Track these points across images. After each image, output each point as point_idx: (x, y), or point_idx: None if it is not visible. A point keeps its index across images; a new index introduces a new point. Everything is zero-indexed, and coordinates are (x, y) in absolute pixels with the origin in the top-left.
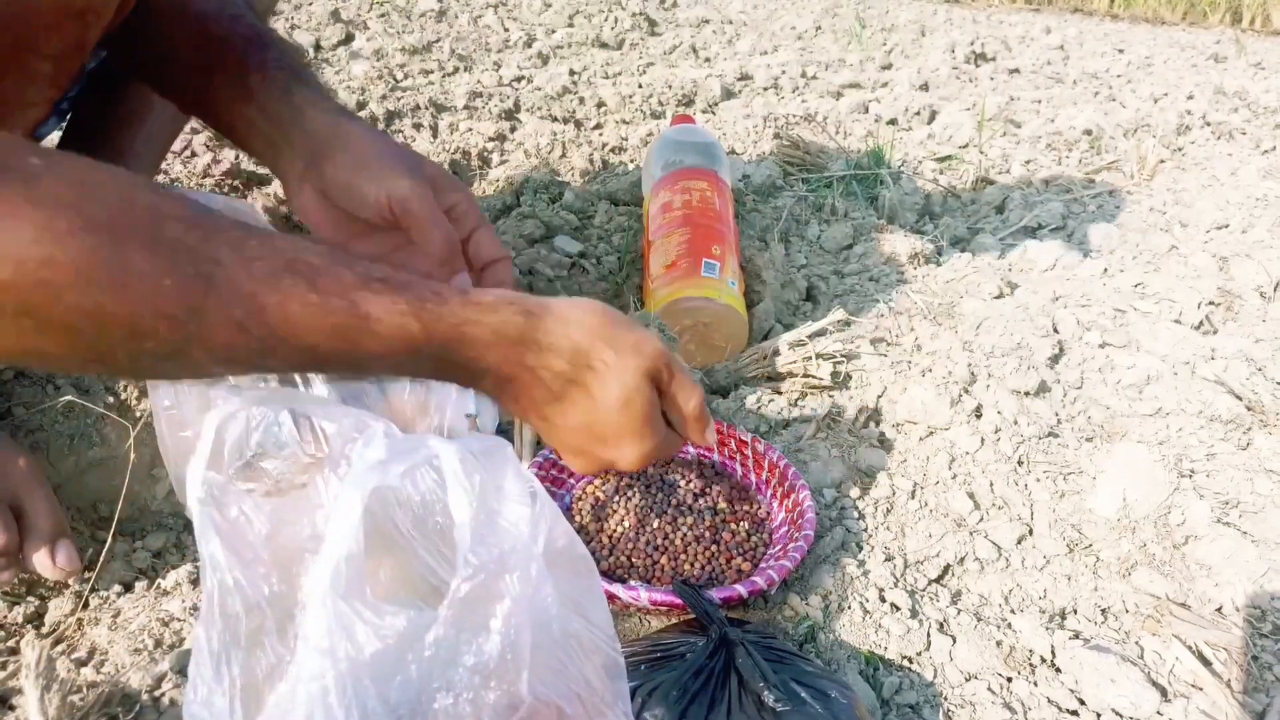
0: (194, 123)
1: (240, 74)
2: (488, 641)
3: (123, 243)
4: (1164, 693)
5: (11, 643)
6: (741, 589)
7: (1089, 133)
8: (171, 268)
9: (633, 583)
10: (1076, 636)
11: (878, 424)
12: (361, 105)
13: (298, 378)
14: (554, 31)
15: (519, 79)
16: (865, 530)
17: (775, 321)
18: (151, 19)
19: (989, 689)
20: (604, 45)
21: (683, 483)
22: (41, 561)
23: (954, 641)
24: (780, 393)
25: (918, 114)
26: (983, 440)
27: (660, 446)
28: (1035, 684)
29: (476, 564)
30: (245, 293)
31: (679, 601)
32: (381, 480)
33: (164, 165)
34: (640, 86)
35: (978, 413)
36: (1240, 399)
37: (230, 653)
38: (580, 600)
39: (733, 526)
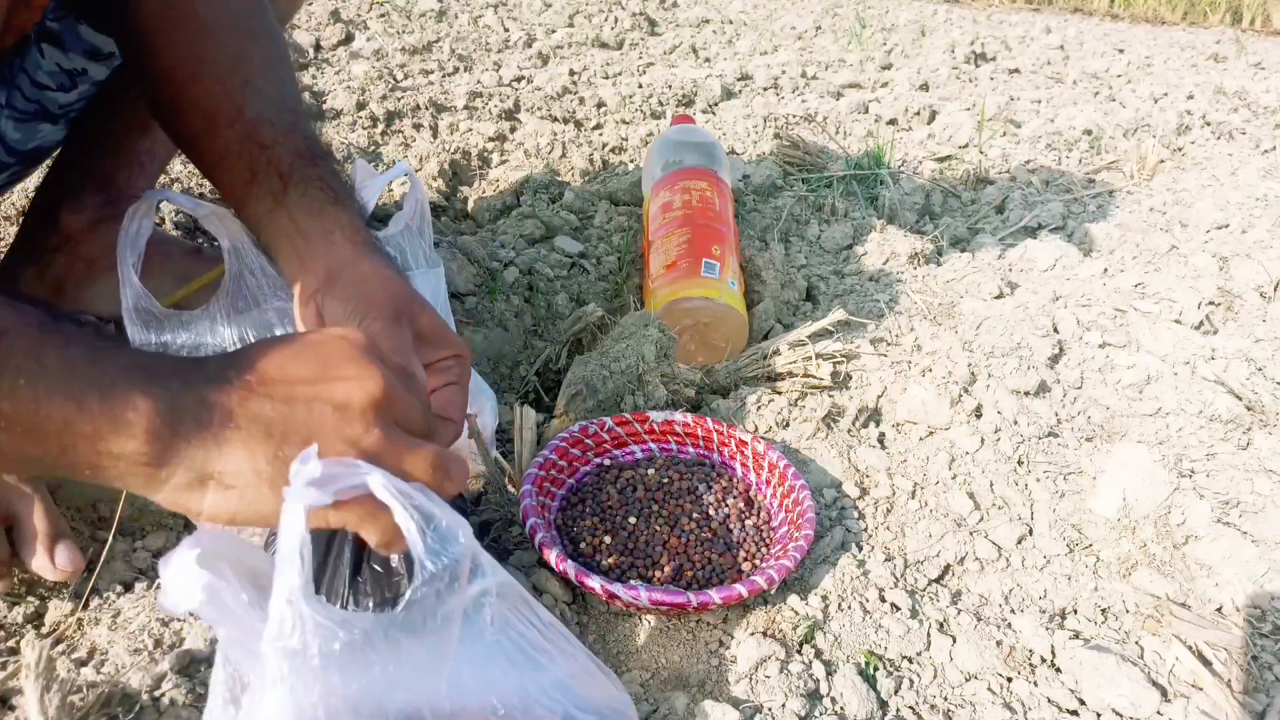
0: None
1: (280, 185)
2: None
3: None
4: (1164, 693)
5: (11, 643)
6: (741, 589)
7: (1089, 133)
8: None
9: (633, 582)
10: (1076, 636)
11: (878, 424)
12: (361, 105)
13: None
14: (554, 31)
15: (519, 79)
16: (865, 530)
17: (775, 321)
18: (201, 118)
19: (989, 689)
20: (604, 45)
21: (683, 483)
22: (41, 564)
23: (954, 641)
24: (780, 393)
25: (918, 114)
26: (983, 440)
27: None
28: (1035, 684)
29: (433, 570)
30: None
31: (679, 601)
32: (316, 500)
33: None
34: (640, 86)
35: (978, 413)
36: (1240, 399)
37: (235, 686)
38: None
39: (732, 526)
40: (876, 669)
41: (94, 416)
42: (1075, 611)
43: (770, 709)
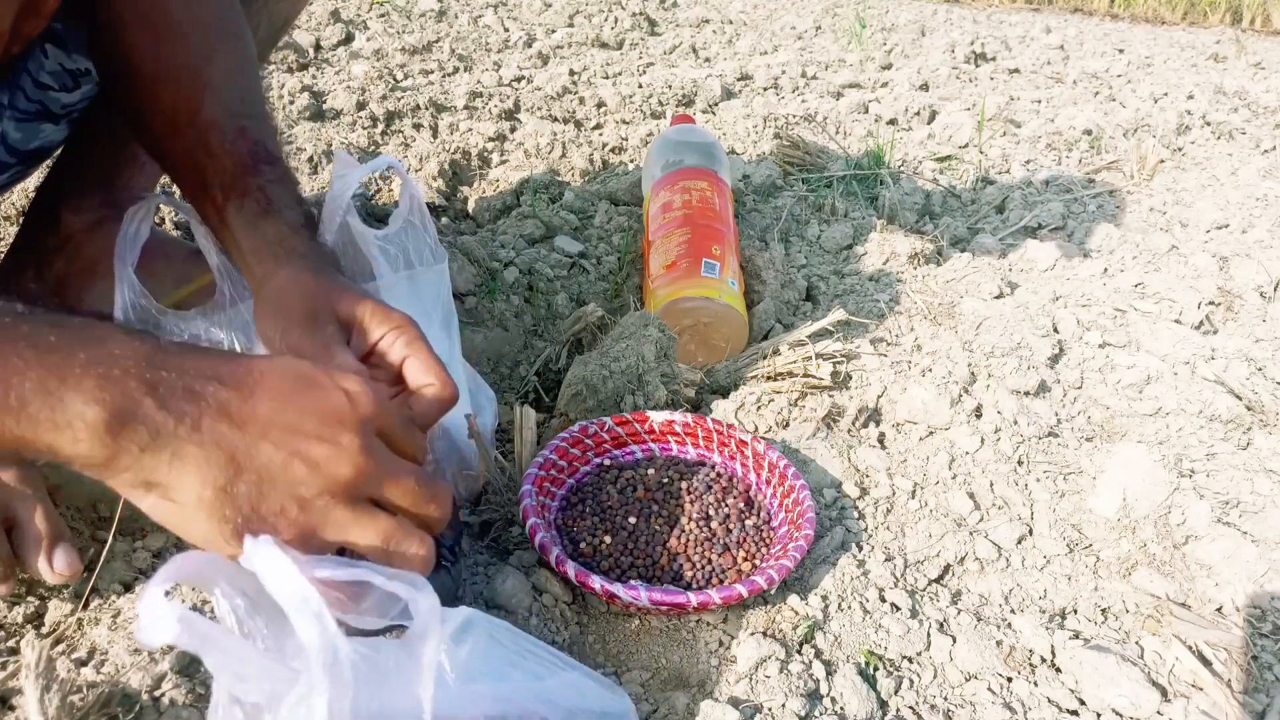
0: None
1: (221, 198)
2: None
3: None
4: (1164, 693)
5: (11, 643)
6: (741, 589)
7: (1089, 133)
8: None
9: (633, 582)
10: (1076, 636)
11: (878, 424)
12: (361, 105)
13: None
14: (554, 31)
15: (519, 79)
16: (865, 530)
17: (775, 321)
18: (162, 120)
19: (989, 689)
20: (604, 45)
21: (683, 483)
22: (41, 567)
23: (954, 641)
24: (780, 393)
25: (918, 114)
26: (983, 440)
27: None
28: (1035, 684)
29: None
30: None
31: (679, 601)
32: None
33: None
34: (640, 86)
35: (978, 413)
36: (1240, 399)
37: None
38: None
39: (732, 526)
40: (876, 669)
41: (38, 423)
42: (1075, 611)
43: (770, 709)
